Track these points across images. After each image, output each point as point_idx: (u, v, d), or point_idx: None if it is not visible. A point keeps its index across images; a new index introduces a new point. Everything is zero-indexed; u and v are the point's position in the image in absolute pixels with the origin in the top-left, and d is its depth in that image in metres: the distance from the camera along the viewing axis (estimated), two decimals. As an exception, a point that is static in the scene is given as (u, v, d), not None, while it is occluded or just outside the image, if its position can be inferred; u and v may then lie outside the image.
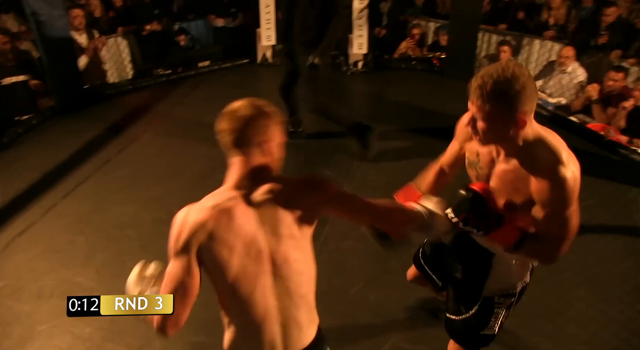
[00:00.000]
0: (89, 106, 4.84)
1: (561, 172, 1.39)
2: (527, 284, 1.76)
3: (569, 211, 1.44)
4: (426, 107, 4.62)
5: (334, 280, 2.78)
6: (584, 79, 4.48)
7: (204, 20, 6.24)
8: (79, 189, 3.63)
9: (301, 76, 3.81)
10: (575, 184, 1.41)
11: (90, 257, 2.97)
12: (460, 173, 1.88)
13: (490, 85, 1.34)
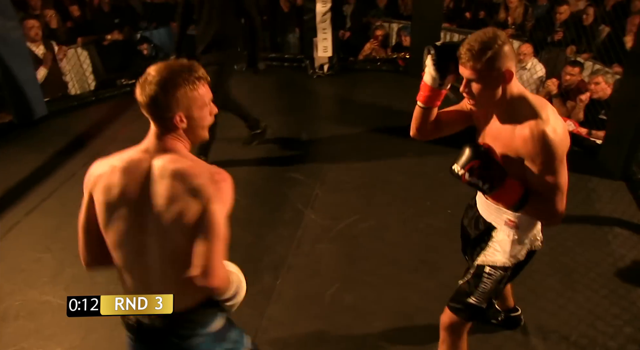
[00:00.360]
0: (50, 119, 4.71)
1: (540, 127, 1.50)
2: (521, 263, 1.82)
3: (556, 165, 1.53)
4: (392, 107, 4.67)
5: (309, 283, 2.78)
6: (543, 74, 4.62)
7: (167, 28, 6.16)
8: (43, 204, 3.53)
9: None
10: (557, 138, 1.50)
11: (58, 274, 2.89)
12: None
13: (477, 46, 1.49)
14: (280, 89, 5.32)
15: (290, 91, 5.27)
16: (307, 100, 5.14)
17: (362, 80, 5.38)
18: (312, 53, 5.43)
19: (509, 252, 1.79)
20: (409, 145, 4.01)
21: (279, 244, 3.07)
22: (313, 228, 3.20)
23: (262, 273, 2.86)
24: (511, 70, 1.51)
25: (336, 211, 3.33)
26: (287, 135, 4.33)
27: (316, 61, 5.47)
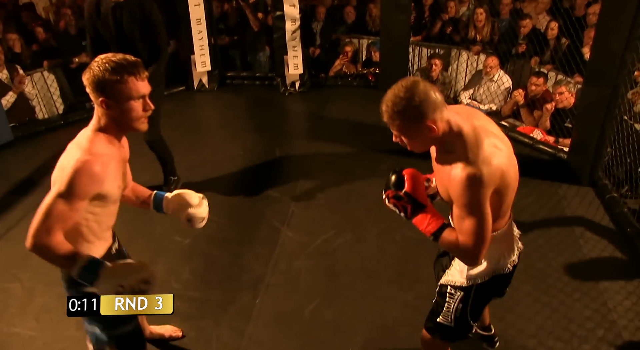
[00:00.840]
0: (16, 145, 4.60)
1: (462, 171, 1.49)
2: (485, 286, 1.80)
3: (470, 211, 1.52)
4: (365, 122, 4.71)
5: (288, 301, 2.76)
6: (509, 85, 4.74)
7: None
8: (10, 233, 3.41)
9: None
10: (475, 185, 1.48)
11: (27, 305, 2.79)
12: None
13: (391, 108, 1.52)
14: (253, 107, 5.32)
15: (263, 109, 5.28)
16: (280, 117, 5.15)
17: (333, 96, 5.42)
18: (283, 71, 5.46)
19: (465, 272, 1.79)
20: (383, 158, 4.07)
21: (257, 262, 3.05)
22: (290, 245, 3.18)
23: (240, 292, 2.83)
24: (432, 125, 1.49)
25: (312, 227, 3.32)
26: (261, 153, 4.32)
27: (287, 79, 5.50)
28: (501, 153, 1.55)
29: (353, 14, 6.07)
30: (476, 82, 4.98)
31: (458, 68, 5.30)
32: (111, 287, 1.55)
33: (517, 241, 1.85)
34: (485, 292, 1.83)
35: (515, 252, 1.83)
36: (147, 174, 3.73)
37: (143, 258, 3.08)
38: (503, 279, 1.83)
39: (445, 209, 1.76)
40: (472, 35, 5.23)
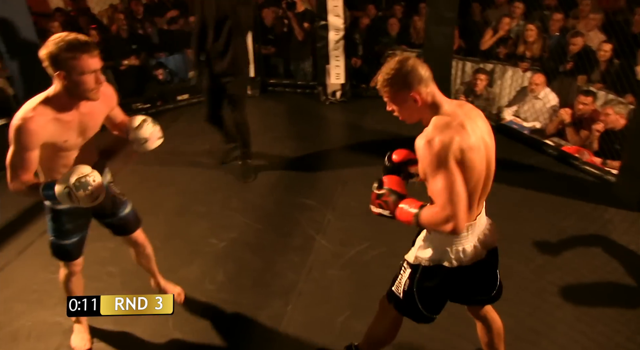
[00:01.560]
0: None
1: (420, 140, 1.67)
2: (427, 272, 1.90)
3: (434, 172, 1.63)
4: (402, 134, 4.67)
5: (319, 310, 2.76)
6: (556, 103, 4.62)
7: (182, 54, 6.29)
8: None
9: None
10: (431, 147, 1.62)
11: (69, 296, 2.89)
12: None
13: (382, 77, 1.73)
14: (293, 115, 5.38)
15: (303, 117, 5.33)
16: (319, 126, 5.19)
17: (373, 107, 5.41)
18: (325, 80, 5.51)
19: (415, 252, 1.94)
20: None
21: (290, 269, 3.06)
22: (324, 254, 3.19)
23: (272, 298, 2.85)
24: (416, 96, 1.69)
25: (347, 238, 3.32)
26: (299, 160, 4.36)
27: (329, 88, 5.54)
28: (470, 136, 1.66)
29: (397, 26, 6.06)
30: (521, 98, 4.88)
31: (503, 84, 5.21)
32: (62, 191, 1.85)
33: (475, 247, 1.87)
34: (432, 279, 1.90)
35: (468, 254, 1.85)
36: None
37: (178, 259, 3.16)
38: (451, 274, 1.87)
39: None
40: (521, 51, 5.12)
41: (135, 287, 2.95)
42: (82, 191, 1.85)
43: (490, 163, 1.79)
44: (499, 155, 4.31)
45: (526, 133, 4.62)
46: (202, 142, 4.69)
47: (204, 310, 2.78)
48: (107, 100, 2.17)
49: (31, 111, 1.90)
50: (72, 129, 2.02)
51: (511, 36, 5.38)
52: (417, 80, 1.70)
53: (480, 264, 1.90)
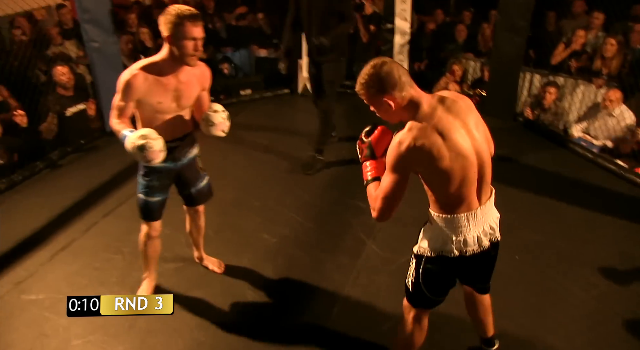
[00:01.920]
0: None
1: (394, 138, 1.79)
2: (432, 260, 1.94)
3: (391, 171, 1.79)
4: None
5: (365, 315, 2.75)
6: (632, 121, 4.37)
7: (247, 50, 6.43)
8: (119, 208, 3.74)
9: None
10: (400, 147, 1.73)
11: (126, 276, 3.03)
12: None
13: (359, 81, 1.83)
14: (351, 116, 5.38)
15: (361, 119, 5.26)
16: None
17: (434, 114, 5.33)
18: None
19: (419, 243, 1.99)
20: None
21: (338, 271, 3.07)
22: (373, 259, 3.17)
23: (319, 298, 2.87)
24: (392, 97, 1.77)
25: (398, 244, 3.29)
26: (356, 162, 4.33)
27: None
28: (444, 140, 1.73)
29: (464, 33, 5.93)
30: (592, 115, 4.65)
31: (573, 99, 4.97)
32: (128, 143, 2.19)
33: (478, 238, 1.91)
34: (435, 268, 1.95)
35: (470, 245, 1.89)
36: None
37: (229, 251, 3.23)
38: (453, 263, 1.92)
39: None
40: (597, 67, 4.83)
41: (187, 274, 3.05)
42: (139, 151, 2.18)
43: (481, 153, 1.83)
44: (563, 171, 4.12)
45: (595, 151, 4.40)
46: (261, 138, 4.78)
47: (249, 304, 2.84)
48: (203, 79, 2.46)
49: (137, 69, 2.24)
50: (168, 93, 2.31)
51: (586, 50, 5.11)
52: (392, 85, 1.77)
53: (482, 255, 1.95)
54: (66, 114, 4.56)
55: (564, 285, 2.94)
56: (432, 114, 1.77)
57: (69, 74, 4.55)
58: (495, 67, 5.04)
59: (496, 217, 2.00)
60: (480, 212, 1.89)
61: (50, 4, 6.10)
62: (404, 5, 5.13)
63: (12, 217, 3.65)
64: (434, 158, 1.73)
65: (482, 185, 1.88)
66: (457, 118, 1.79)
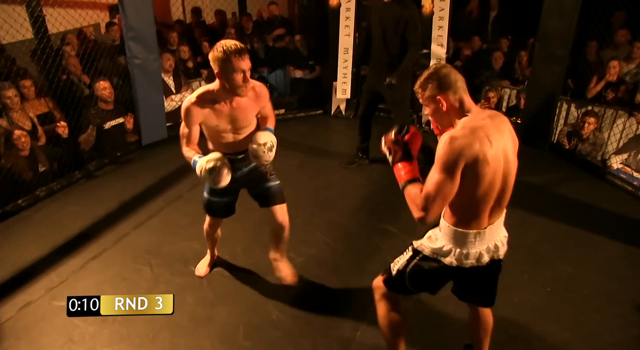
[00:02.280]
0: (168, 143, 5.13)
1: (445, 134, 1.80)
2: (427, 259, 2.04)
3: (442, 168, 1.77)
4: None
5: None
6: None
7: (283, 71, 6.53)
8: (150, 221, 3.81)
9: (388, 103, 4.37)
10: (450, 146, 1.75)
11: (153, 288, 3.07)
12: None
13: (420, 79, 1.90)
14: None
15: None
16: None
17: (467, 140, 5.27)
18: (420, 108, 5.46)
19: (425, 239, 2.07)
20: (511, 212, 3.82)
21: (364, 295, 3.02)
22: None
23: (343, 320, 2.83)
24: (446, 97, 1.84)
25: (426, 270, 3.23)
26: (386, 186, 4.33)
27: (423, 117, 5.49)
28: (490, 148, 1.78)
29: (501, 60, 5.89)
30: (633, 147, 4.52)
31: (612, 130, 4.84)
32: (198, 168, 2.48)
33: (480, 254, 1.97)
34: (427, 268, 2.05)
35: (471, 259, 1.96)
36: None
37: (256, 268, 3.23)
38: (447, 271, 2.01)
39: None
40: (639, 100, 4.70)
41: (213, 287, 3.06)
42: (208, 174, 2.44)
43: (508, 177, 1.89)
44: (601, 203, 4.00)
45: (636, 184, 4.26)
46: (292, 157, 4.82)
47: (274, 322, 2.82)
48: (259, 99, 2.60)
49: (194, 97, 2.46)
50: (223, 117, 2.52)
51: (625, 80, 4.98)
52: (447, 86, 1.84)
53: (479, 270, 2.01)
54: (105, 127, 4.71)
55: (599, 322, 2.82)
56: (482, 122, 1.82)
57: (110, 88, 4.71)
58: (532, 95, 4.97)
59: (503, 236, 2.07)
60: (489, 231, 1.95)
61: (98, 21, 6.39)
62: (441, 31, 5.14)
63: (49, 224, 3.77)
64: (479, 161, 1.76)
65: (498, 206, 1.94)
66: (502, 136, 1.85)
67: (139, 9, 4.54)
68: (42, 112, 4.56)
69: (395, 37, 4.04)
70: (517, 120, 5.31)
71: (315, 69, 6.35)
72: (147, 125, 4.99)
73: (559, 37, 4.54)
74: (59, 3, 4.54)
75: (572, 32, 4.52)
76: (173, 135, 5.20)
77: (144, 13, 4.60)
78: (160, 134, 5.14)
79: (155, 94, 4.95)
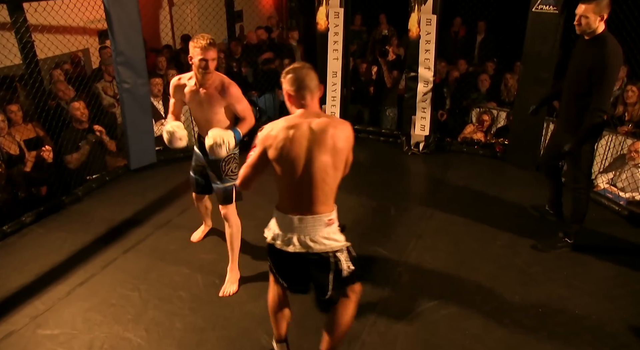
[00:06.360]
0: (156, 167, 5.10)
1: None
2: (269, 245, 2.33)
3: (254, 147, 2.26)
4: (486, 193, 4.54)
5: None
6: (658, 175, 4.29)
7: (272, 94, 6.58)
8: (139, 245, 3.76)
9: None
10: (261, 131, 2.23)
11: (141, 314, 3.01)
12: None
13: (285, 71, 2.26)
14: (374, 162, 5.39)
15: (384, 165, 5.33)
16: (400, 176, 5.16)
17: (456, 161, 5.32)
18: (409, 130, 5.51)
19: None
20: (499, 234, 3.87)
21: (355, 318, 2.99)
22: (392, 307, 3.10)
23: (334, 346, 2.78)
24: (288, 93, 2.24)
25: (417, 292, 3.21)
26: (376, 209, 4.33)
27: (412, 138, 5.53)
28: (291, 144, 2.12)
29: (488, 82, 6.00)
30: (618, 166, 4.58)
31: (597, 149, 4.91)
32: (164, 127, 3.15)
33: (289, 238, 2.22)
34: (270, 254, 2.37)
35: (280, 239, 2.25)
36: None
37: (246, 293, 3.20)
38: (275, 252, 2.31)
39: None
40: (620, 112, 4.82)
41: (202, 314, 3.02)
42: (165, 133, 3.07)
43: (313, 177, 2.13)
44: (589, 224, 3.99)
45: (622, 204, 4.30)
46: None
47: (264, 348, 2.78)
48: (225, 93, 2.96)
49: (177, 76, 3.13)
50: (192, 99, 3.04)
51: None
52: (296, 84, 2.17)
53: (296, 257, 2.24)
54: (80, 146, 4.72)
55: (591, 343, 2.81)
56: (298, 120, 2.17)
57: (84, 109, 4.75)
58: (519, 116, 5.04)
59: (321, 236, 2.22)
60: (297, 222, 2.19)
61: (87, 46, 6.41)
62: (428, 55, 5.22)
63: (34, 250, 3.70)
64: (273, 150, 2.15)
65: (303, 201, 2.18)
66: (316, 137, 2.12)
67: (128, 34, 4.57)
68: (29, 137, 4.53)
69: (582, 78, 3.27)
70: (505, 142, 5.38)
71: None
72: (136, 149, 4.97)
73: (543, 60, 4.65)
74: (48, 29, 4.55)
75: (555, 55, 4.62)
76: (162, 159, 5.22)
77: (133, 38, 4.62)
78: (150, 158, 5.12)
79: (144, 118, 4.94)
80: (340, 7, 5.50)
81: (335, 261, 2.27)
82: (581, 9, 3.15)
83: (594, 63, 3.12)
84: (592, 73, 3.13)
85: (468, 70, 6.41)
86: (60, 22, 4.74)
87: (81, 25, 5.85)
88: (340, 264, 2.28)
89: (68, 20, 4.67)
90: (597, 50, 3.11)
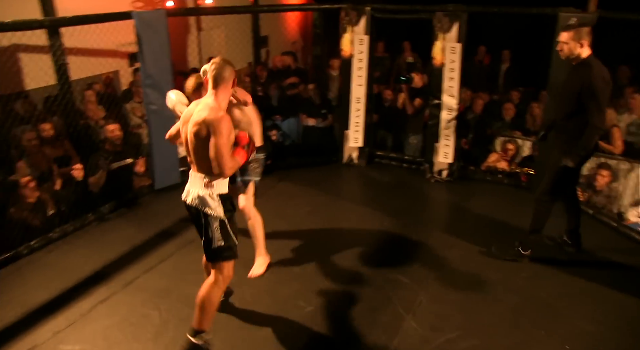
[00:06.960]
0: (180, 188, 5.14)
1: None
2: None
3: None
4: (508, 222, 4.47)
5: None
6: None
7: (296, 118, 6.65)
8: (160, 265, 3.80)
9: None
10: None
11: (161, 334, 3.02)
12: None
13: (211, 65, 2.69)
14: (396, 189, 5.37)
15: (406, 192, 5.30)
16: (422, 203, 5.12)
17: (480, 190, 5.27)
18: (432, 157, 5.49)
19: None
20: (523, 267, 3.78)
21: (375, 346, 2.95)
22: (412, 337, 3.04)
23: (352, 374, 2.75)
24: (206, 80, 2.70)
25: (438, 323, 3.15)
26: (397, 236, 4.29)
27: (435, 166, 5.51)
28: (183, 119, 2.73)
29: (512, 111, 5.96)
30: (647, 199, 4.47)
31: (628, 182, 4.80)
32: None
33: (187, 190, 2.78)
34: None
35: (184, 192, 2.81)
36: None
37: (264, 316, 3.19)
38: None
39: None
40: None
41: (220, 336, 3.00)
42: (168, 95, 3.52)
43: (189, 145, 2.65)
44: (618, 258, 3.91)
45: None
46: (304, 204, 4.83)
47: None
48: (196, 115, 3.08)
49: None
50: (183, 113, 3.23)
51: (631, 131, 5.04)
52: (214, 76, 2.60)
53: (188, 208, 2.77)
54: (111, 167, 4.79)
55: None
56: (192, 105, 2.72)
57: (119, 131, 4.83)
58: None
59: (196, 192, 2.68)
60: (191, 177, 2.73)
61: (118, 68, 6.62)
62: (452, 83, 5.24)
63: (59, 267, 3.77)
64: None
65: (192, 162, 2.69)
66: (192, 117, 2.60)
67: (157, 58, 4.70)
68: (59, 155, 4.65)
69: (570, 99, 3.44)
70: (530, 172, 5.31)
71: (328, 118, 6.46)
72: (160, 169, 5.05)
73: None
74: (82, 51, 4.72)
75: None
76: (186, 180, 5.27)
77: (162, 61, 4.75)
78: (174, 178, 5.19)
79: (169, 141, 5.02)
80: (365, 34, 5.58)
81: (206, 223, 2.65)
82: (562, 37, 3.42)
83: (582, 86, 3.29)
84: (581, 96, 3.31)
85: (492, 99, 6.38)
86: (93, 46, 4.92)
87: (113, 48, 6.06)
88: (210, 229, 2.64)
89: (101, 43, 4.85)
90: (583, 74, 3.31)
